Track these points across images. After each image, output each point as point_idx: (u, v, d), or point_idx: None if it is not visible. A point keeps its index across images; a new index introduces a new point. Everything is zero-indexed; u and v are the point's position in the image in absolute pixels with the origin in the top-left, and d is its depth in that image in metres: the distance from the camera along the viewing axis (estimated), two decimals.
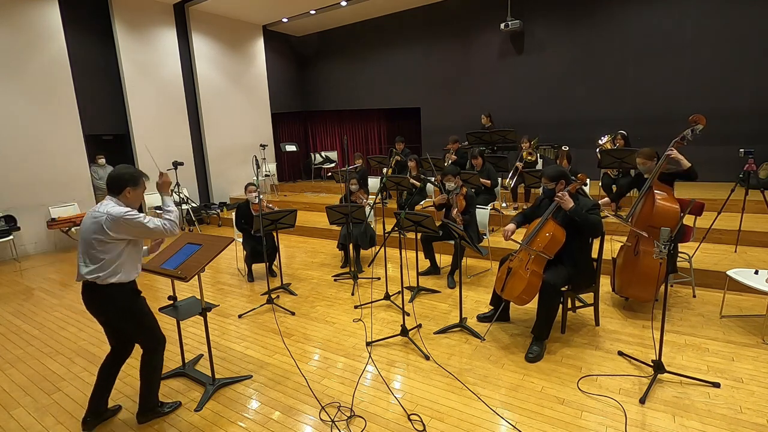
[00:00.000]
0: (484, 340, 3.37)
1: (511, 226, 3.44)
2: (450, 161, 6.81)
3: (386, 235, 3.97)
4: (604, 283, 4.08)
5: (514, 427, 2.38)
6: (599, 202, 3.85)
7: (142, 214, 2.39)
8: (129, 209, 2.37)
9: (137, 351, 2.57)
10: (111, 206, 2.34)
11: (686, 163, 3.48)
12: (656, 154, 3.65)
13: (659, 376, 2.71)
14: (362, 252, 5.36)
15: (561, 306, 3.27)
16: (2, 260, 6.52)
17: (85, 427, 2.53)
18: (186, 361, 3.16)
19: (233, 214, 5.18)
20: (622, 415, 2.42)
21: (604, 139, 6.50)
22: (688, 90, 7.21)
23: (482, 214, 4.92)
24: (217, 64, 9.61)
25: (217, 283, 5.11)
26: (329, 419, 2.52)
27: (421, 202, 6.88)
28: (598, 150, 6.24)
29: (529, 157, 6.58)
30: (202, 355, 3.31)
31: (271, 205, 4.92)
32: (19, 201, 6.55)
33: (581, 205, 3.15)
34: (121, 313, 2.43)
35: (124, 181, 2.40)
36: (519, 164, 6.38)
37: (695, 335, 3.28)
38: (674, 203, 3.40)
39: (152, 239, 2.58)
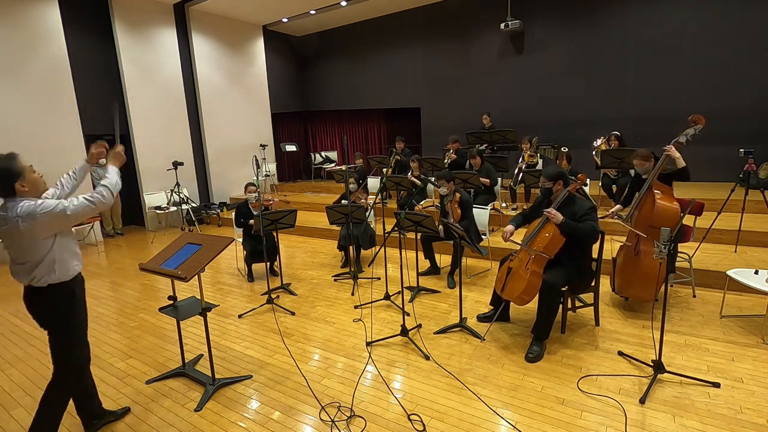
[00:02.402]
0: (484, 340, 3.37)
1: (509, 227, 3.47)
2: (449, 160, 6.81)
3: (386, 235, 3.97)
4: (604, 283, 4.08)
5: (514, 427, 2.39)
6: (612, 210, 3.88)
7: (56, 201, 2.04)
8: (39, 201, 2.02)
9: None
10: (18, 208, 1.98)
11: (681, 162, 3.50)
12: (652, 155, 3.67)
13: (659, 376, 2.71)
14: (362, 252, 5.36)
15: (561, 306, 3.27)
16: (2, 260, 6.52)
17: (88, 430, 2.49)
18: (186, 361, 3.16)
19: (233, 214, 5.18)
20: (622, 415, 2.42)
21: (598, 141, 6.48)
22: (688, 90, 7.21)
23: (482, 214, 4.92)
24: (217, 64, 9.60)
25: (217, 283, 5.11)
26: (329, 419, 2.52)
27: (421, 202, 6.89)
28: (594, 153, 6.22)
29: (531, 160, 6.58)
30: (202, 355, 3.31)
31: (270, 199, 4.88)
32: None
33: (578, 207, 3.17)
34: (55, 318, 2.20)
35: (7, 179, 2.00)
36: (521, 164, 6.37)
37: (695, 335, 3.28)
38: (674, 203, 3.40)
39: (86, 216, 2.14)
